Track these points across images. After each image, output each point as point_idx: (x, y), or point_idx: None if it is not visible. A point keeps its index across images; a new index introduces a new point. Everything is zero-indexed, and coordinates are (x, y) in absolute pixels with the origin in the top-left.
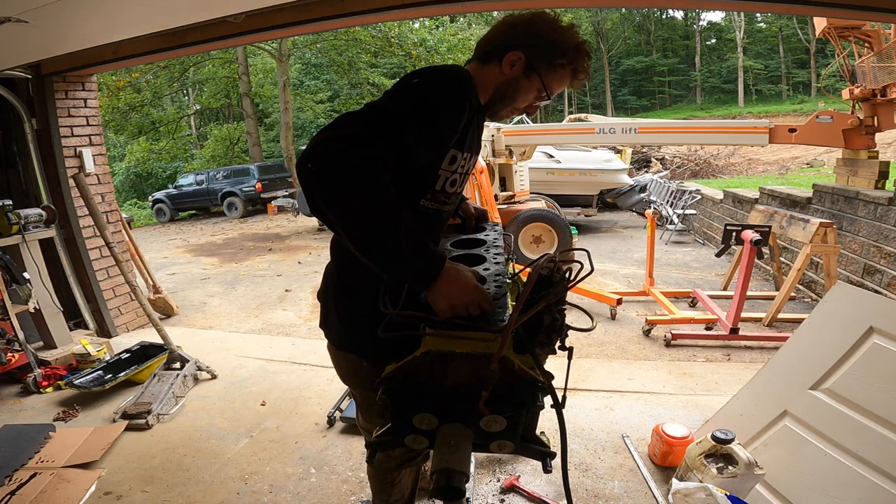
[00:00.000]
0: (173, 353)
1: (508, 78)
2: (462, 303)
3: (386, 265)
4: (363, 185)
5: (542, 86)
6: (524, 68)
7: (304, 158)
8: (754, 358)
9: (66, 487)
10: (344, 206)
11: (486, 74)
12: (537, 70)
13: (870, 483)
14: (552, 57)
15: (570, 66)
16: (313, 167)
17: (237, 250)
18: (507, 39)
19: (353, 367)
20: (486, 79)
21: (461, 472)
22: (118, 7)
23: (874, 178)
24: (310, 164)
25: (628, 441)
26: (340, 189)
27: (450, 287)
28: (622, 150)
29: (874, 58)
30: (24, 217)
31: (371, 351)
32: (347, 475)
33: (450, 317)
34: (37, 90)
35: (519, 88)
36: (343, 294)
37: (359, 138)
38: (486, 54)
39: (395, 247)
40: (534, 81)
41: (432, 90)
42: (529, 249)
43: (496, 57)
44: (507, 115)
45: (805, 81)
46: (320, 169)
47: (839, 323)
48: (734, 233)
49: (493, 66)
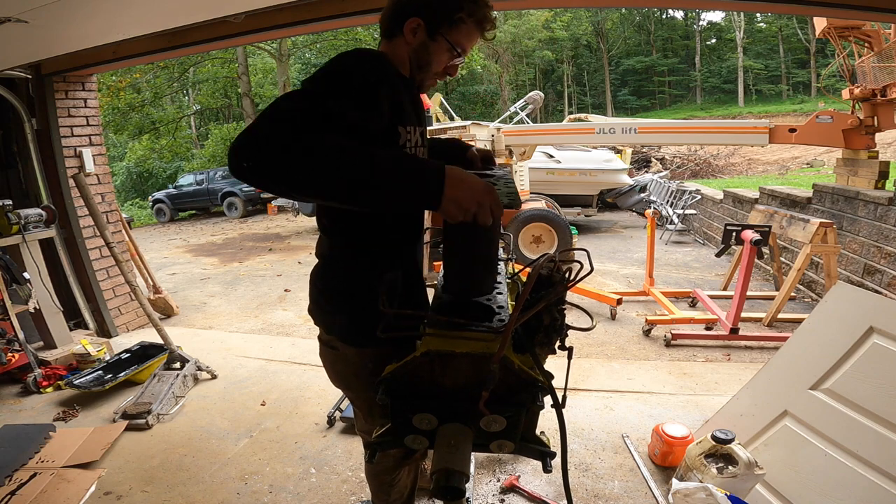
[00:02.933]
0: (173, 353)
1: (416, 45)
2: (474, 204)
3: (384, 197)
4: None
5: (450, 45)
6: (427, 32)
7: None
8: (754, 358)
9: (66, 487)
10: (306, 173)
11: (396, 48)
12: (440, 31)
13: (870, 483)
14: (450, 13)
15: (472, 19)
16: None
17: (237, 250)
18: (401, 9)
19: (353, 371)
20: (397, 53)
21: (461, 472)
22: (118, 7)
23: (874, 178)
24: (245, 163)
25: (628, 441)
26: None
27: (458, 190)
28: (622, 150)
29: (874, 58)
30: (24, 217)
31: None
32: (347, 475)
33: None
34: (37, 90)
35: (430, 53)
36: (341, 287)
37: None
38: (388, 30)
39: (380, 173)
40: (441, 43)
41: (336, 63)
42: (529, 249)
43: (398, 29)
44: (431, 81)
45: (805, 81)
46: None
47: (839, 323)
48: (734, 233)
49: (398, 38)
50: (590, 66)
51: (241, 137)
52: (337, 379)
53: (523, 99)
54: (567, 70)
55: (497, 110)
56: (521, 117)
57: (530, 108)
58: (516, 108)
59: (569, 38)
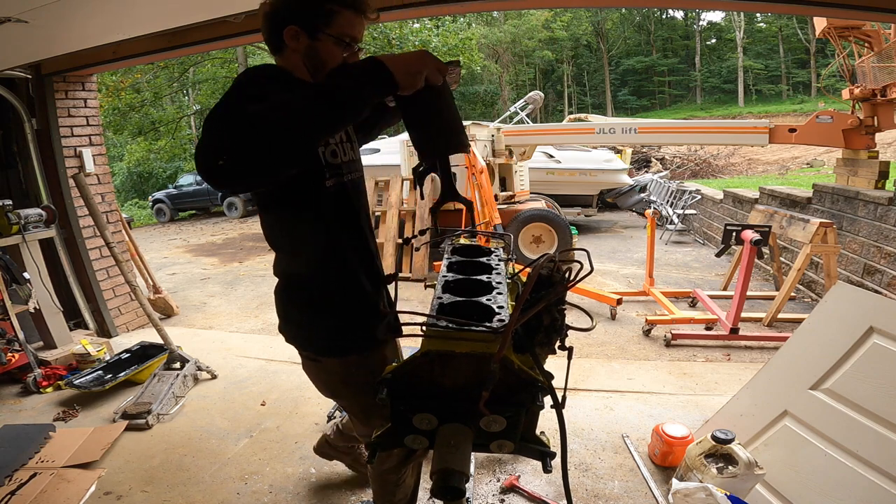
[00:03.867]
0: (173, 353)
1: (304, 51)
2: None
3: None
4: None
5: (334, 39)
6: (308, 35)
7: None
8: (754, 358)
9: (66, 487)
10: (279, 131)
11: (289, 60)
12: (319, 29)
13: (870, 483)
14: (319, 8)
15: (343, 6)
16: (226, 155)
17: (237, 250)
18: (274, 23)
19: (339, 380)
20: (291, 63)
21: (461, 472)
22: (118, 7)
23: (874, 178)
24: (220, 160)
25: (628, 441)
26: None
27: (400, 64)
28: (622, 150)
29: (874, 58)
30: (24, 217)
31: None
32: (348, 475)
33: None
34: (37, 90)
35: (319, 53)
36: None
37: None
38: (274, 47)
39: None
40: (325, 40)
41: (240, 78)
42: (529, 249)
43: (280, 42)
44: None
45: (805, 81)
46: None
47: (839, 323)
48: (734, 233)
49: (286, 50)
50: (590, 66)
51: (201, 147)
52: (325, 389)
53: (523, 99)
54: (567, 70)
55: (497, 110)
56: (521, 117)
57: (530, 108)
58: (516, 108)
59: (569, 38)
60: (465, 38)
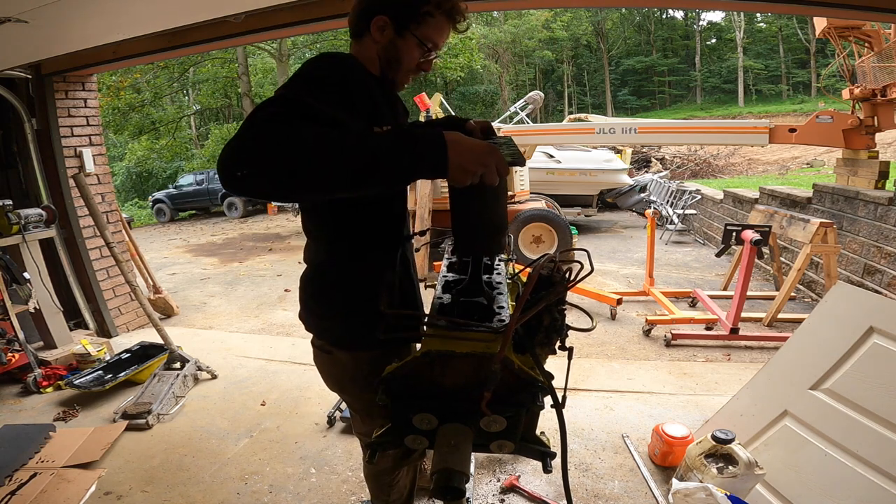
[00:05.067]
0: (173, 353)
1: (384, 44)
2: (480, 166)
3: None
4: (303, 136)
5: (419, 41)
6: (395, 30)
7: (230, 170)
8: (754, 358)
9: (66, 487)
10: (306, 166)
11: (365, 49)
12: (408, 27)
13: (869, 483)
14: (417, 8)
15: (440, 11)
16: (245, 170)
17: (237, 250)
18: (367, 8)
19: (348, 375)
20: (367, 53)
21: (461, 472)
22: (118, 7)
23: (874, 178)
24: (240, 171)
25: (628, 441)
26: (288, 158)
27: (462, 154)
28: (622, 150)
29: (874, 58)
30: (24, 217)
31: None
32: (347, 475)
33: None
34: (37, 90)
35: (399, 50)
36: (333, 292)
37: (264, 119)
38: (356, 30)
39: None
40: (410, 39)
41: (308, 68)
42: (529, 249)
43: (365, 28)
44: (404, 79)
45: (805, 81)
46: (259, 160)
47: (839, 323)
48: (734, 233)
49: (366, 38)
50: (590, 66)
51: (229, 148)
52: (332, 383)
53: (523, 99)
54: (567, 70)
55: (497, 110)
56: (521, 117)
57: (530, 108)
58: (516, 108)
59: (569, 38)
60: (466, 38)
